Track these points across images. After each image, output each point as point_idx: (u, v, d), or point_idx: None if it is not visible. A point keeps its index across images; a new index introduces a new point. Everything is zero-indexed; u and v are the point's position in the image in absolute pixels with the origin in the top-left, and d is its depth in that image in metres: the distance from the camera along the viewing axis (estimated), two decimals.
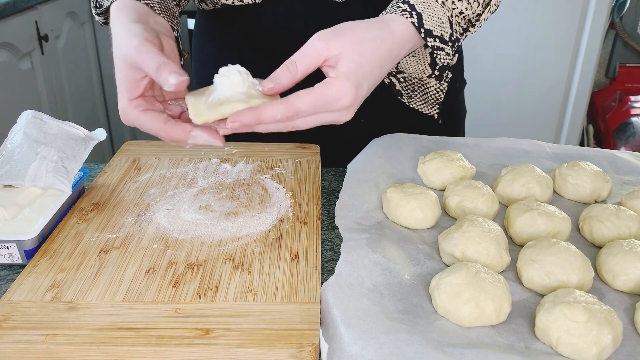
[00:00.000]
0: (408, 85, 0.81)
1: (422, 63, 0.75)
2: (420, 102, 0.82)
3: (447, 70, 0.74)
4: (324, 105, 0.58)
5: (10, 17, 1.81)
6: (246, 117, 0.56)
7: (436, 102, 0.80)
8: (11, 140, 0.72)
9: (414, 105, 0.82)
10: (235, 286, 0.57)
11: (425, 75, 0.76)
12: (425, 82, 0.79)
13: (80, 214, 0.69)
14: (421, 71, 0.76)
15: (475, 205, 0.68)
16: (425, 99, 0.81)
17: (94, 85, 2.42)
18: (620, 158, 0.83)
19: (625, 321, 0.53)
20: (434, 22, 0.65)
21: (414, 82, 0.80)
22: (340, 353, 0.48)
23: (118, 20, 0.64)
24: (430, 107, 0.81)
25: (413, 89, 0.81)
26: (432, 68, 0.71)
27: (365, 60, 0.59)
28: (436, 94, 0.80)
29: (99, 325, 0.51)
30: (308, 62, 0.58)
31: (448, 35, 0.67)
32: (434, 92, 0.80)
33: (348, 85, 0.57)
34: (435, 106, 0.81)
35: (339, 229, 0.65)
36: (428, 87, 0.80)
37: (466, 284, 0.53)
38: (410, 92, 0.81)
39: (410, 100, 0.82)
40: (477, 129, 2.34)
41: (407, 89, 0.81)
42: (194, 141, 0.59)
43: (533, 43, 2.32)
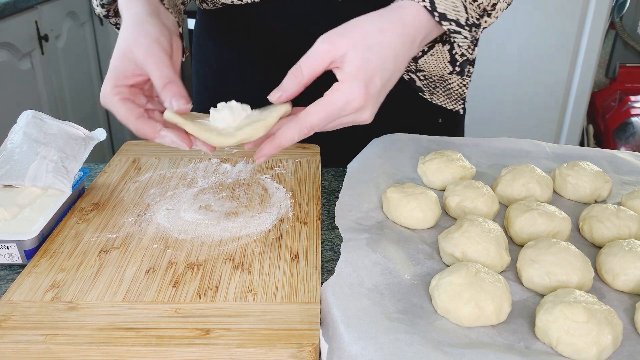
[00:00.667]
0: (429, 82, 0.80)
1: (442, 61, 0.73)
2: (443, 97, 0.80)
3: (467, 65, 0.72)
4: (336, 112, 0.57)
5: (10, 17, 1.81)
6: (267, 149, 0.59)
7: (460, 97, 0.79)
8: (11, 140, 0.72)
9: (437, 102, 0.81)
10: (235, 286, 0.57)
11: (446, 72, 0.74)
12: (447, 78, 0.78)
13: (80, 214, 0.69)
14: (441, 69, 0.74)
15: (475, 205, 0.68)
16: (449, 94, 0.79)
17: (94, 85, 2.42)
18: (620, 158, 0.83)
19: (625, 321, 0.53)
20: (447, 5, 0.63)
21: (435, 80, 0.79)
22: (340, 353, 0.48)
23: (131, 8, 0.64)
24: (455, 103, 0.79)
25: (435, 86, 0.79)
26: (453, 65, 0.70)
27: (373, 54, 0.58)
28: (459, 89, 0.78)
29: (99, 325, 0.51)
30: (314, 66, 0.58)
31: (464, 20, 0.64)
32: (457, 88, 0.79)
33: (356, 86, 0.57)
34: (460, 101, 0.79)
35: (339, 229, 0.65)
36: (450, 82, 0.78)
37: (466, 284, 0.53)
38: (432, 88, 0.80)
39: (432, 97, 0.80)
40: (477, 129, 2.34)
41: (428, 86, 0.80)
42: (161, 140, 0.60)
43: (533, 43, 2.32)
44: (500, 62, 2.36)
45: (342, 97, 0.57)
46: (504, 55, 2.35)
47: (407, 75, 0.80)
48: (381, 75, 0.59)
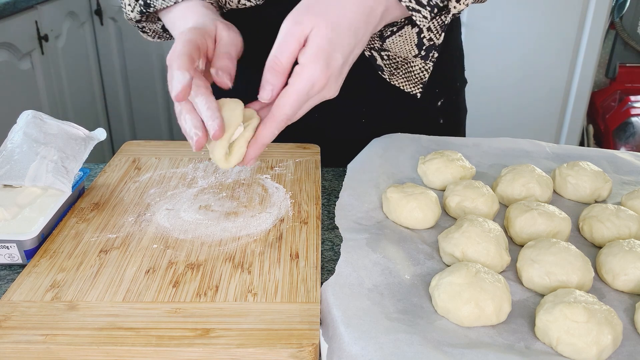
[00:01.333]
0: (391, 62, 0.80)
1: (409, 43, 0.74)
2: (402, 79, 0.80)
3: (433, 50, 0.73)
4: (304, 97, 0.59)
5: (10, 17, 1.81)
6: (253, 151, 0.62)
7: (420, 82, 0.79)
8: (11, 140, 0.72)
9: (396, 83, 0.81)
10: (235, 286, 0.57)
11: (411, 55, 0.75)
12: (409, 60, 0.78)
13: (80, 214, 0.69)
14: (407, 51, 0.75)
15: (475, 205, 0.68)
16: (408, 77, 0.80)
17: (94, 85, 2.42)
18: (620, 158, 0.83)
19: (625, 321, 0.53)
20: None
21: (397, 61, 0.79)
22: (340, 353, 0.48)
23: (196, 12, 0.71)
24: (413, 86, 0.80)
25: (396, 67, 0.80)
26: (419, 48, 0.71)
27: (334, 32, 0.59)
28: (420, 73, 0.79)
29: (99, 325, 0.51)
30: (289, 50, 0.59)
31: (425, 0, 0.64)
32: (419, 72, 0.79)
33: (318, 67, 0.58)
34: (419, 85, 0.80)
35: (339, 229, 0.65)
36: (412, 65, 0.79)
37: (466, 284, 0.53)
38: (393, 69, 0.80)
39: (392, 77, 0.81)
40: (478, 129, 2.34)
41: (389, 66, 0.80)
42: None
43: (533, 43, 2.32)
44: (501, 62, 2.36)
45: (306, 81, 0.58)
46: (504, 55, 2.35)
47: (368, 52, 0.80)
48: (342, 51, 0.60)
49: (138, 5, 0.75)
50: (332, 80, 0.60)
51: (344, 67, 0.61)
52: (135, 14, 0.76)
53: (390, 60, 0.79)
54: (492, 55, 2.34)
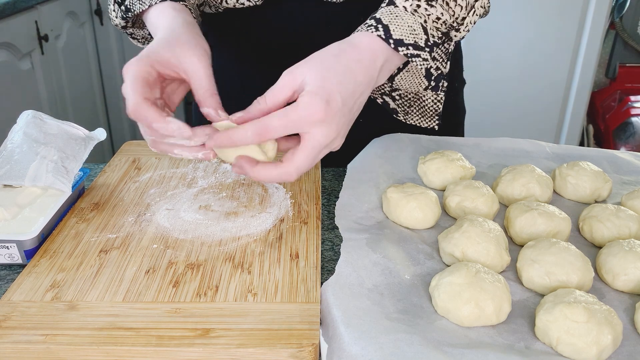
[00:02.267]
0: (404, 102, 0.80)
1: (417, 77, 0.74)
2: (417, 117, 0.81)
3: (442, 79, 0.74)
4: (295, 122, 0.57)
5: (10, 17, 1.81)
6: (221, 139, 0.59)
7: (435, 114, 0.80)
8: (11, 140, 0.72)
9: (411, 121, 0.82)
10: (235, 286, 0.57)
11: (421, 88, 0.76)
12: (421, 95, 0.79)
13: (80, 214, 0.69)
14: (417, 85, 0.76)
15: (475, 205, 0.68)
16: (423, 113, 0.80)
17: (94, 85, 2.42)
18: (620, 158, 0.83)
19: (625, 321, 0.53)
20: (403, 31, 0.64)
21: (409, 98, 0.80)
22: (340, 353, 0.48)
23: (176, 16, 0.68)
24: (429, 120, 0.81)
25: (409, 105, 0.80)
26: (428, 79, 0.71)
27: (329, 72, 0.59)
28: (434, 106, 0.80)
29: (99, 325, 0.51)
30: (276, 96, 0.59)
31: (423, 42, 0.65)
32: (432, 104, 0.80)
33: (316, 100, 0.57)
34: (434, 118, 0.80)
35: (339, 229, 0.65)
36: (424, 99, 0.79)
37: (466, 284, 0.53)
38: (407, 107, 0.81)
39: (407, 117, 0.81)
40: (477, 129, 2.34)
41: (403, 106, 0.81)
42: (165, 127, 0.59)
43: (533, 43, 2.32)
44: (501, 62, 2.36)
45: (303, 108, 0.57)
46: (504, 56, 2.35)
47: (380, 99, 0.81)
48: (340, 92, 0.59)
49: (120, 11, 0.75)
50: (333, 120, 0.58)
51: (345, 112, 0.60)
52: (119, 19, 0.76)
53: (402, 99, 0.80)
54: (492, 55, 2.34)
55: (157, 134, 0.61)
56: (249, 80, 0.89)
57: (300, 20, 0.83)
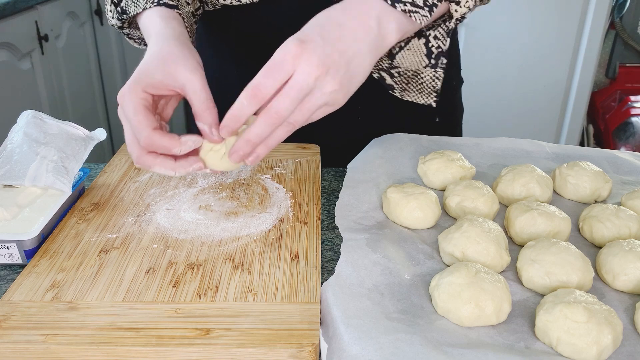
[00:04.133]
0: (402, 79, 0.79)
1: (418, 55, 0.74)
2: (415, 93, 0.80)
3: (441, 56, 0.73)
4: (275, 68, 0.55)
5: (10, 17, 1.81)
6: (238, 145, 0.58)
7: (433, 90, 0.79)
8: (11, 140, 0.72)
9: (408, 98, 0.81)
10: (235, 286, 0.57)
11: (421, 66, 0.75)
12: (420, 72, 0.78)
13: (80, 214, 0.69)
14: (417, 63, 0.75)
15: (475, 205, 0.68)
16: (420, 89, 0.79)
17: (94, 85, 2.42)
18: (620, 158, 0.83)
19: (625, 321, 0.53)
20: None
21: (408, 75, 0.79)
22: (340, 353, 0.48)
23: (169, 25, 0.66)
24: (427, 97, 0.79)
25: (407, 82, 0.79)
26: (429, 58, 0.70)
27: (309, 23, 0.58)
28: (432, 82, 0.78)
29: (99, 325, 0.51)
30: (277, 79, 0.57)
31: (422, 1, 0.63)
32: (430, 81, 0.79)
33: (289, 41, 0.55)
34: (432, 94, 0.79)
35: (339, 229, 0.65)
36: (422, 76, 0.78)
37: (466, 284, 0.53)
38: (404, 84, 0.80)
39: (403, 93, 0.80)
40: (478, 129, 2.34)
41: (400, 83, 0.80)
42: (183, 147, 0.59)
43: (533, 43, 2.32)
44: (500, 62, 2.36)
45: (276, 54, 0.55)
46: (504, 55, 2.35)
47: (376, 74, 0.80)
48: (320, 33, 0.57)
49: (116, 12, 0.75)
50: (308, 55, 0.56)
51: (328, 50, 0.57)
52: (116, 20, 0.76)
53: (400, 76, 0.79)
54: (492, 55, 2.34)
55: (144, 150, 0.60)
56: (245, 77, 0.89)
57: (297, 18, 0.83)
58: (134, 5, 0.71)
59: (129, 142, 0.60)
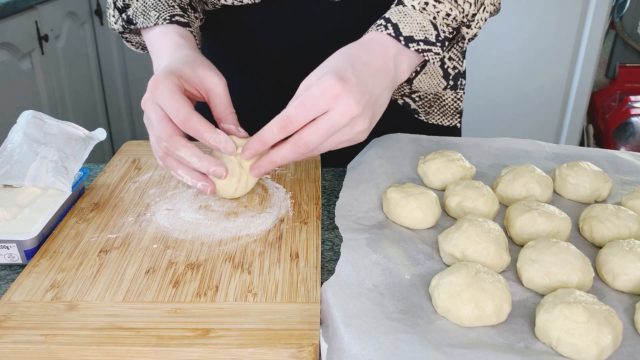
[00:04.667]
0: (424, 102, 0.81)
1: (436, 77, 0.75)
2: (438, 116, 0.82)
3: (460, 77, 0.74)
4: (312, 103, 0.57)
5: (10, 17, 1.81)
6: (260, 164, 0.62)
7: (456, 112, 0.80)
8: (11, 140, 0.72)
9: (433, 121, 0.82)
10: (235, 286, 0.57)
11: (440, 88, 0.76)
12: (441, 95, 0.79)
13: (80, 214, 0.69)
14: (436, 85, 0.76)
15: (475, 205, 0.68)
16: (444, 112, 0.81)
17: (94, 85, 2.42)
18: (620, 158, 0.83)
19: (625, 321, 0.53)
20: (413, 28, 0.65)
21: (429, 99, 0.80)
22: (340, 353, 0.48)
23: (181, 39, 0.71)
24: (451, 118, 0.81)
25: (430, 105, 0.81)
26: (446, 79, 0.71)
27: (338, 61, 0.60)
28: (454, 104, 0.80)
29: (99, 325, 0.51)
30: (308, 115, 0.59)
31: (434, 37, 0.66)
32: (452, 103, 0.80)
33: (329, 76, 0.57)
34: (456, 116, 0.81)
35: (339, 229, 0.65)
36: (444, 99, 0.80)
37: (466, 284, 0.53)
38: (427, 108, 0.81)
39: (428, 116, 0.82)
40: (477, 129, 2.34)
41: (423, 106, 0.81)
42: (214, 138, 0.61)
43: (533, 43, 2.32)
44: (501, 62, 2.36)
45: (316, 88, 0.57)
46: (504, 55, 2.35)
47: (400, 100, 0.81)
48: (353, 72, 0.59)
49: (121, 20, 0.76)
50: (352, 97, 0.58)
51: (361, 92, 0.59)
52: (118, 26, 0.77)
53: (422, 100, 0.80)
54: (492, 55, 2.34)
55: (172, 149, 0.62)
56: (247, 79, 0.89)
57: (299, 19, 0.83)
58: (144, 18, 0.72)
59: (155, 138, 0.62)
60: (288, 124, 0.58)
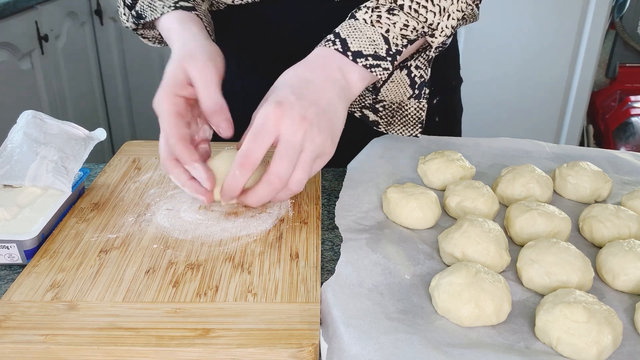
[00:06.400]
0: (387, 113, 0.80)
1: (402, 86, 0.75)
2: (400, 126, 0.81)
3: (424, 86, 0.74)
4: (260, 132, 0.58)
5: (10, 17, 1.81)
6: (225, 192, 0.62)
7: (418, 122, 0.80)
8: (11, 140, 0.72)
9: (393, 132, 0.82)
10: (235, 286, 0.57)
11: (406, 97, 0.76)
12: (404, 104, 0.79)
13: (80, 214, 0.69)
14: (402, 94, 0.76)
15: (475, 205, 0.68)
16: (405, 122, 0.80)
17: (94, 85, 2.42)
18: (620, 158, 0.83)
19: (625, 321, 0.53)
20: (362, 42, 0.65)
21: (393, 108, 0.80)
22: (340, 353, 0.48)
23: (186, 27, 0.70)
24: (412, 129, 0.81)
25: (392, 116, 0.80)
26: (412, 88, 0.71)
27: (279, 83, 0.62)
28: (417, 114, 0.80)
29: (99, 325, 0.51)
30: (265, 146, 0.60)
31: (384, 51, 0.66)
32: (414, 112, 0.80)
33: (267, 104, 0.59)
34: (417, 126, 0.80)
35: (339, 229, 0.65)
36: (407, 109, 0.79)
37: (466, 284, 0.53)
38: (390, 118, 0.81)
39: (388, 127, 0.81)
40: (477, 129, 2.34)
41: (386, 117, 0.81)
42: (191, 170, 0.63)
43: (533, 43, 2.32)
44: (500, 62, 2.36)
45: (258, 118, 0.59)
46: (503, 55, 2.35)
47: (358, 113, 0.81)
48: (292, 92, 0.60)
49: (131, 17, 0.76)
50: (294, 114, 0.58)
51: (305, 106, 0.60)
52: (130, 23, 0.78)
53: (385, 110, 0.80)
54: (492, 55, 2.34)
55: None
56: (248, 78, 0.89)
57: (299, 18, 0.83)
58: (151, 10, 0.73)
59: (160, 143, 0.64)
60: (246, 160, 0.59)
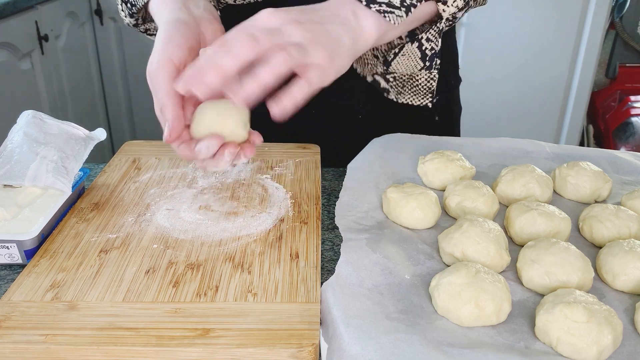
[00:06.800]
0: (397, 82, 0.80)
1: (413, 59, 0.74)
2: (410, 95, 0.80)
3: (435, 57, 0.73)
4: (245, 24, 0.54)
5: (10, 17, 1.81)
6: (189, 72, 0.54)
7: (428, 92, 0.79)
8: (11, 140, 0.72)
9: (404, 100, 0.81)
10: (235, 286, 0.57)
11: (417, 69, 0.76)
12: (415, 75, 0.78)
13: (80, 214, 0.69)
14: (413, 67, 0.75)
15: (475, 205, 0.68)
16: (416, 91, 0.80)
17: (94, 85, 2.42)
18: (620, 158, 0.83)
19: (625, 321, 0.53)
20: None
21: (403, 79, 0.79)
22: (340, 353, 0.48)
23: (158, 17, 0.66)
24: (422, 98, 0.80)
25: (402, 85, 0.80)
26: (423, 61, 0.70)
27: None
28: (427, 84, 0.79)
29: (99, 325, 0.51)
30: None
31: (398, 2, 0.62)
32: (425, 82, 0.79)
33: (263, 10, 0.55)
34: (428, 95, 0.79)
35: (339, 229, 0.65)
36: (418, 79, 0.79)
37: (466, 284, 0.53)
38: (400, 88, 0.80)
39: (399, 96, 0.81)
40: (477, 129, 2.34)
41: (395, 87, 0.80)
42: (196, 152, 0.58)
43: (533, 43, 2.32)
44: (500, 61, 2.36)
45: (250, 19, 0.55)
46: (503, 55, 2.35)
47: (370, 77, 0.81)
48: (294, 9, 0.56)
49: (126, 9, 0.75)
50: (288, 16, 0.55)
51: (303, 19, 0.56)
52: (128, 18, 0.76)
53: (396, 81, 0.79)
54: (492, 55, 2.34)
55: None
56: None
57: None
58: None
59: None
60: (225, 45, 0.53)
